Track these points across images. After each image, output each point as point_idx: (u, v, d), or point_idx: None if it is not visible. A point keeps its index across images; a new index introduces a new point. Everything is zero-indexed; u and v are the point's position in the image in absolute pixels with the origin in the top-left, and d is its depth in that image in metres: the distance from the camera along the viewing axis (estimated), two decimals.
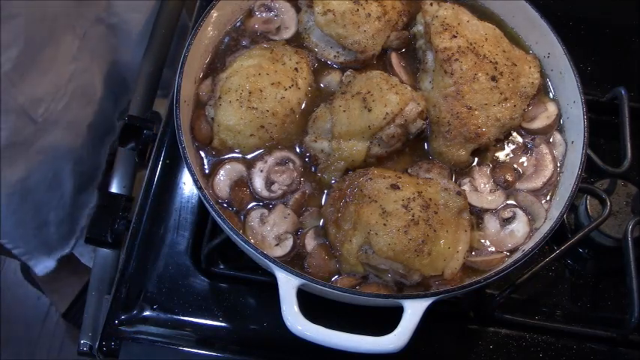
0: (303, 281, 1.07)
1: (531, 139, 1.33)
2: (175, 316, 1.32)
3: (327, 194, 1.25)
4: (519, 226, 1.24)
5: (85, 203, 1.95)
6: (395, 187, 1.16)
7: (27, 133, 1.57)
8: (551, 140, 1.33)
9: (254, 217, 1.22)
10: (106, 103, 1.87)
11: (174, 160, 1.47)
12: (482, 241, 1.23)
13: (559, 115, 1.35)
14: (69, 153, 1.77)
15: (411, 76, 1.37)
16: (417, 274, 1.13)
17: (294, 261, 1.19)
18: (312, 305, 1.08)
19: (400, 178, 1.20)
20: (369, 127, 1.21)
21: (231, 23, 1.42)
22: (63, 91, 1.63)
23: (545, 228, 1.19)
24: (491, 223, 1.24)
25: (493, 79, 1.28)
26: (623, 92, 1.43)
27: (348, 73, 1.33)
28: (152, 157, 1.49)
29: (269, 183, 1.24)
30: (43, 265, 1.93)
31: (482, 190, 1.28)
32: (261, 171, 1.25)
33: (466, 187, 1.27)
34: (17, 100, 1.48)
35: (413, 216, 1.12)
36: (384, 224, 1.11)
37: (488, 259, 1.20)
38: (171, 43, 1.82)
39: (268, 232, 1.20)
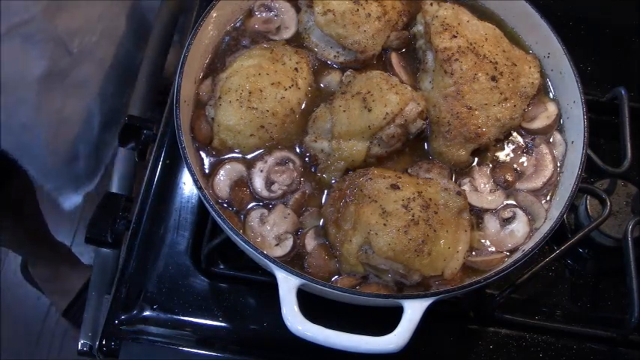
0: (303, 281, 1.07)
1: (531, 139, 1.33)
2: (175, 316, 1.32)
3: (327, 194, 1.25)
4: (519, 226, 1.23)
5: (110, 142, 2.01)
6: (395, 187, 1.16)
7: (63, 64, 1.64)
8: (551, 140, 1.33)
9: (254, 217, 1.22)
10: (129, 43, 1.94)
11: (174, 160, 1.47)
12: (483, 241, 1.23)
13: (559, 115, 1.35)
14: (98, 89, 1.84)
15: (411, 76, 1.37)
16: (417, 274, 1.13)
17: (294, 261, 1.19)
18: (312, 305, 1.08)
19: (400, 178, 1.20)
20: (369, 127, 1.21)
21: (231, 23, 1.42)
22: (94, 29, 1.71)
23: (545, 228, 1.19)
24: (491, 223, 1.24)
25: (493, 79, 1.28)
26: (623, 92, 1.43)
27: (348, 73, 1.33)
28: (152, 157, 1.49)
29: (269, 183, 1.24)
30: (71, 201, 1.98)
31: (482, 190, 1.28)
32: (261, 171, 1.25)
33: (466, 187, 1.27)
34: (57, 30, 1.55)
35: (413, 216, 1.12)
36: (384, 224, 1.11)
37: (488, 259, 1.20)
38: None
39: (268, 232, 1.20)
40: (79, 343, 1.43)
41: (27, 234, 2.37)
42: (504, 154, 1.32)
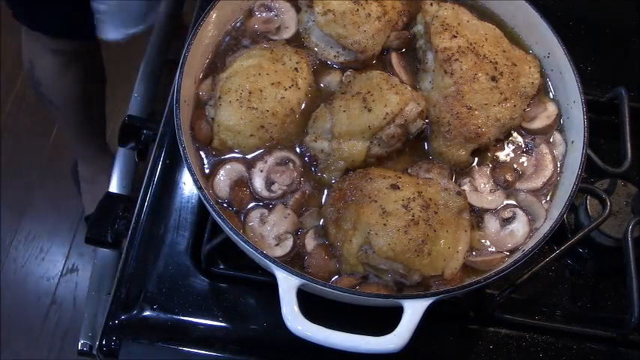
0: (303, 281, 1.07)
1: (531, 139, 1.33)
2: (175, 316, 1.32)
3: (327, 194, 1.25)
4: (519, 226, 1.23)
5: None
6: (395, 187, 1.16)
7: None
8: (551, 140, 1.33)
9: (254, 217, 1.22)
10: None
11: (174, 160, 1.47)
12: (483, 241, 1.23)
13: (559, 115, 1.35)
14: None
15: (411, 76, 1.37)
16: (417, 274, 1.13)
17: (294, 261, 1.19)
18: (312, 305, 1.08)
19: (400, 178, 1.20)
20: (369, 127, 1.21)
21: (231, 23, 1.42)
22: None
23: (545, 228, 1.19)
24: (491, 223, 1.24)
25: (493, 79, 1.28)
26: (623, 92, 1.43)
27: (348, 73, 1.33)
28: (152, 157, 1.49)
29: (269, 183, 1.24)
30: (115, 34, 2.02)
31: (482, 190, 1.28)
32: (261, 171, 1.25)
33: (466, 187, 1.27)
34: None
35: (413, 216, 1.12)
36: (384, 224, 1.11)
37: (488, 259, 1.20)
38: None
39: (268, 232, 1.20)
40: (79, 343, 1.44)
41: (84, 102, 2.40)
42: (504, 154, 1.32)
